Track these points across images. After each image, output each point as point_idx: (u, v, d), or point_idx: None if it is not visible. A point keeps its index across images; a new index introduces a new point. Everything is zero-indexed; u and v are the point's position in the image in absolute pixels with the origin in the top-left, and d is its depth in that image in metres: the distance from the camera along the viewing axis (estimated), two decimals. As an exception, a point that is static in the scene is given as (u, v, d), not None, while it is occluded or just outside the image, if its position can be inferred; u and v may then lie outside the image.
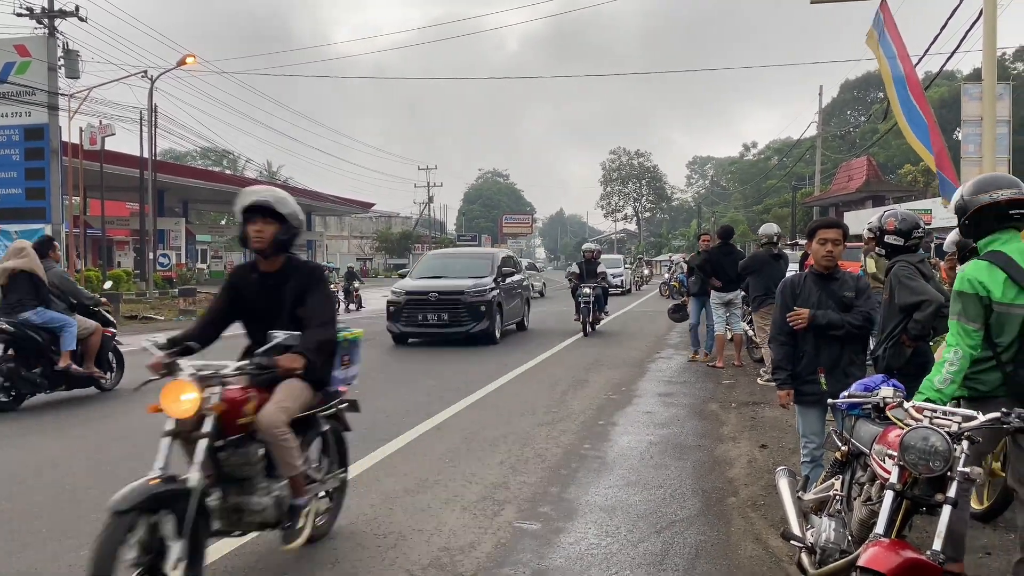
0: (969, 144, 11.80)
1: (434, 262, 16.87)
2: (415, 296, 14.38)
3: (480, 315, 14.04)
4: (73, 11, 25.88)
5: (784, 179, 62.94)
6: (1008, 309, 3.43)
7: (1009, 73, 46.29)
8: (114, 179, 35.64)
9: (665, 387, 9.89)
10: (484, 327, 14.11)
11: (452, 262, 16.70)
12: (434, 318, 14.08)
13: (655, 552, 4.34)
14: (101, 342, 9.15)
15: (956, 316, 3.51)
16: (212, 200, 57.78)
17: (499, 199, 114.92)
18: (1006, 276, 3.44)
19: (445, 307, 14.06)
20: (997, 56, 11.23)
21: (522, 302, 17.06)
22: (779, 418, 7.74)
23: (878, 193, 42.09)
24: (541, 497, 5.33)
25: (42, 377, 8.53)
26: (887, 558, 2.68)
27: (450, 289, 14.27)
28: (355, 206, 66.04)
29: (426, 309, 14.15)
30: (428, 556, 4.28)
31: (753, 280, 9.89)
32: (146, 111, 30.02)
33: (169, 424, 3.59)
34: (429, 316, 14.11)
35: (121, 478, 3.68)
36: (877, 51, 11.40)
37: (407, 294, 14.42)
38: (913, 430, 2.88)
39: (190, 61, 28.60)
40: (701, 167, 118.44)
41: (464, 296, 14.08)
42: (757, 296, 9.80)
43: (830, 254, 4.58)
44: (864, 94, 74.85)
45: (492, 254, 16.71)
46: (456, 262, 16.61)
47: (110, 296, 17.42)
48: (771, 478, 5.30)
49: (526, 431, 7.30)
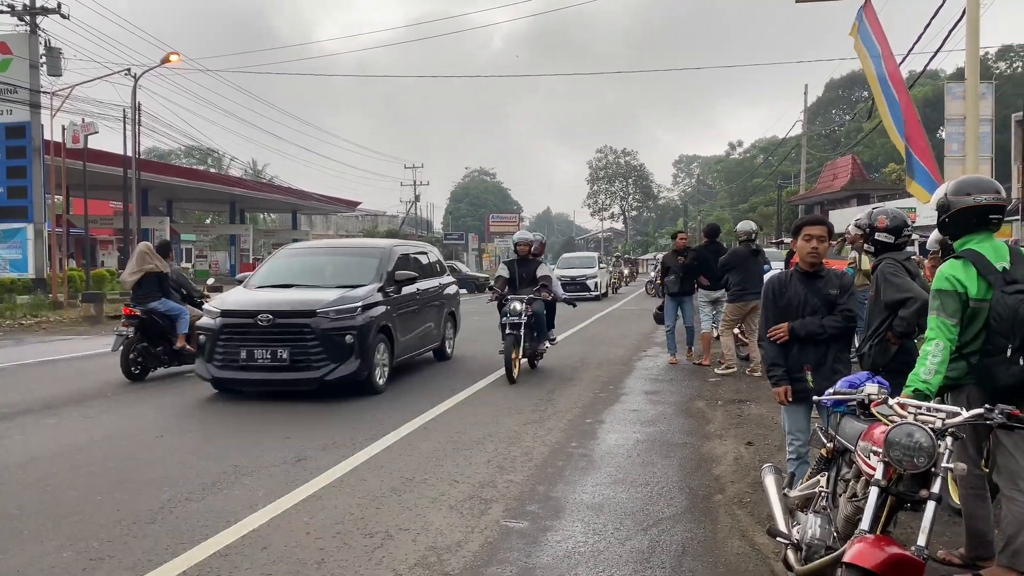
0: (952, 143, 11.89)
1: (286, 263, 10.77)
2: (235, 320, 8.87)
3: (342, 351, 8.65)
4: (55, 8, 25.63)
5: (770, 178, 63.23)
6: (980, 304, 3.63)
7: (992, 72, 46.69)
8: (97, 178, 35.30)
9: (652, 385, 9.91)
10: (350, 370, 8.69)
11: (316, 262, 10.81)
12: (265, 357, 8.59)
13: (642, 550, 4.35)
14: None
15: (935, 311, 3.66)
16: (197, 199, 57.41)
17: (486, 198, 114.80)
18: (977, 272, 3.63)
19: (283, 339, 8.63)
20: (980, 56, 11.32)
21: (441, 320, 11.77)
22: (765, 415, 7.78)
23: (863, 191, 42.37)
24: (528, 495, 5.33)
25: (164, 355, 10.71)
26: (872, 554, 2.70)
27: (293, 308, 8.81)
28: (341, 205, 65.74)
29: (253, 342, 8.65)
30: (415, 555, 4.27)
31: (732, 276, 10.49)
32: (129, 109, 29.78)
33: None
34: (257, 353, 8.61)
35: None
36: (861, 50, 11.48)
37: (223, 315, 8.96)
38: (898, 426, 2.89)
39: (174, 59, 28.35)
40: (687, 166, 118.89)
41: (314, 320, 8.63)
42: (736, 290, 10.42)
43: (815, 251, 4.60)
44: (849, 93, 75.32)
45: (382, 249, 10.76)
46: (322, 263, 10.76)
47: (90, 298, 17.33)
48: (757, 475, 5.32)
49: (513, 430, 7.29)
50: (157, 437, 7.13)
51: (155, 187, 44.53)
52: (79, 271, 28.60)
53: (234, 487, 5.54)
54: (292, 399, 8.73)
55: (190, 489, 5.48)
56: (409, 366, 11.15)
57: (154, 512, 5.00)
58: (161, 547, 4.39)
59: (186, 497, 5.30)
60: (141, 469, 6.04)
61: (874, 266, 4.89)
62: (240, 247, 57.11)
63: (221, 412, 8.27)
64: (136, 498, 5.30)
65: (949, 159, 11.91)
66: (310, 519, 4.85)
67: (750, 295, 10.14)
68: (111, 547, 4.41)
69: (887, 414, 3.10)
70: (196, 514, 4.95)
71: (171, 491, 5.44)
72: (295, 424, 7.54)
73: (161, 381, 10.36)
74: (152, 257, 10.66)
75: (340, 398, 8.80)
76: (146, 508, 5.08)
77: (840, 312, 4.56)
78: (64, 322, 20.24)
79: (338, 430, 7.23)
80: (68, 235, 32.54)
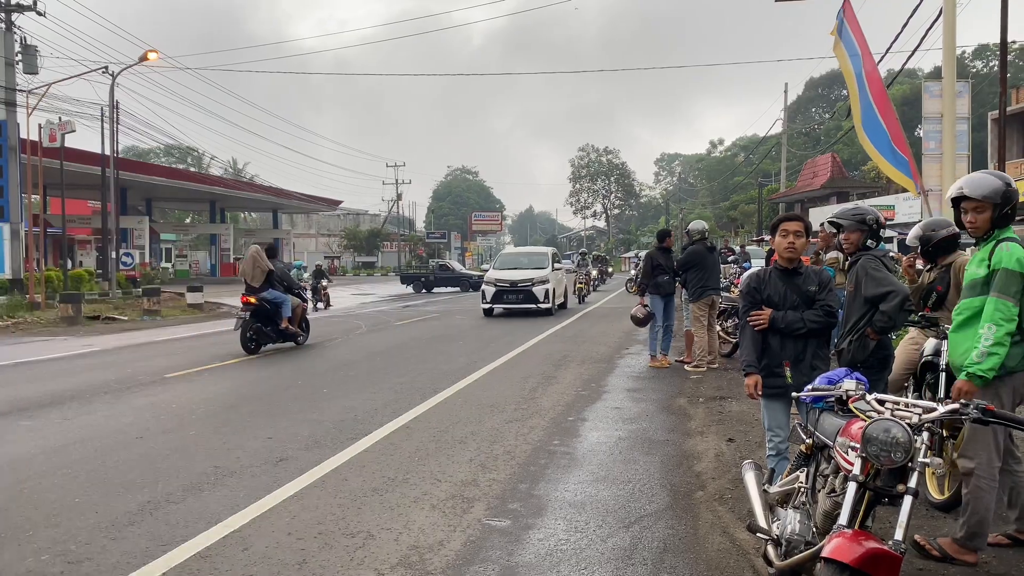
0: (930, 141, 11.96)
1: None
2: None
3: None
4: (31, 5, 25.32)
5: (750, 176, 63.61)
6: None
7: (968, 71, 47.20)
8: (75, 177, 34.96)
9: (634, 383, 9.94)
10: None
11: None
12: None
13: (624, 547, 4.36)
14: (301, 313, 14.34)
15: (998, 293, 3.75)
16: (177, 198, 56.99)
17: (468, 196, 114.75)
18: None
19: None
20: (957, 55, 11.43)
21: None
22: (746, 412, 7.82)
23: (842, 189, 42.70)
24: (510, 494, 5.33)
25: (272, 333, 13.54)
26: (850, 549, 2.72)
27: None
28: (322, 204, 65.46)
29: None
30: (397, 555, 4.26)
31: (691, 274, 10.84)
32: (107, 107, 29.47)
33: None
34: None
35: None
36: (840, 50, 11.56)
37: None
38: (875, 422, 2.92)
39: (152, 57, 28.09)
40: (669, 164, 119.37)
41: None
42: (697, 289, 10.75)
43: (792, 246, 4.63)
44: (828, 92, 75.94)
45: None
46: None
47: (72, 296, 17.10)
48: (738, 472, 5.35)
49: (495, 428, 7.29)
50: (136, 438, 7.07)
51: (134, 186, 44.14)
52: (57, 271, 28.27)
53: (215, 488, 5.50)
54: (272, 400, 8.73)
55: (170, 490, 5.44)
56: (396, 367, 11.20)
57: (133, 514, 4.96)
58: (140, 549, 4.36)
59: (166, 498, 5.26)
60: (120, 471, 5.99)
61: (851, 263, 4.94)
62: (221, 246, 56.72)
63: (201, 413, 8.21)
64: (115, 500, 5.25)
65: (927, 157, 11.99)
66: (291, 519, 4.83)
67: (710, 291, 10.78)
68: (89, 550, 4.37)
69: (865, 410, 3.13)
70: (176, 515, 4.91)
71: (151, 492, 5.39)
72: (277, 424, 7.50)
73: (139, 384, 10.27)
74: (262, 259, 13.39)
75: (322, 397, 8.81)
76: (125, 510, 5.03)
77: (820, 307, 4.59)
78: (41, 323, 20.01)
79: (320, 430, 7.20)
80: (45, 235, 32.17)
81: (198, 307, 25.33)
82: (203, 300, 25.97)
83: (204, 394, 9.30)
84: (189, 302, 25.73)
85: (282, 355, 13.17)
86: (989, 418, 3.02)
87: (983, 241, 3.95)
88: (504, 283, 20.78)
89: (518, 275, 21.10)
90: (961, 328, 3.94)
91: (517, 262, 22.46)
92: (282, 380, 10.41)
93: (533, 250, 25.85)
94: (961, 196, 3.91)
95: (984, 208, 3.85)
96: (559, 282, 22.32)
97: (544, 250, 24.41)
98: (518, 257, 23.55)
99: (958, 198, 3.94)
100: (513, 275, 21.15)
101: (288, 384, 10.06)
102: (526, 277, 20.87)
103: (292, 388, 9.71)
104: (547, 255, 22.65)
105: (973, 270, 3.94)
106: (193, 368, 11.52)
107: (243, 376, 10.92)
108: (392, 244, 79.97)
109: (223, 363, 12.11)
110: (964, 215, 3.96)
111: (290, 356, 13.06)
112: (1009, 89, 24.08)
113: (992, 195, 3.81)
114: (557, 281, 21.86)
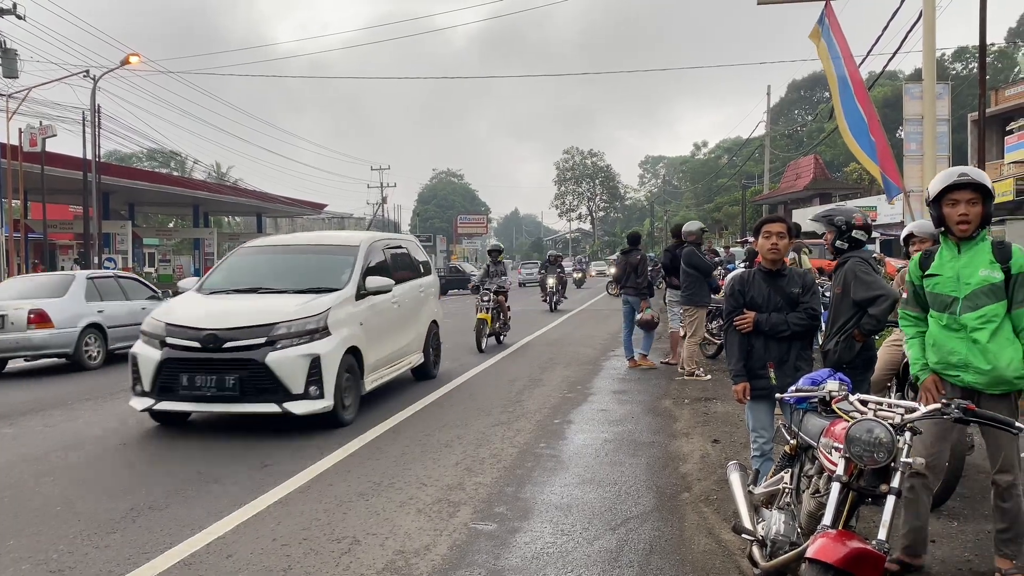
0: (911, 142, 12.07)
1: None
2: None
3: None
4: (10, 8, 25.11)
5: (734, 178, 63.93)
6: None
7: (948, 73, 47.68)
8: (56, 181, 34.61)
9: (619, 384, 9.96)
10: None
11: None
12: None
13: (610, 549, 4.37)
14: None
15: None
16: (160, 203, 56.54)
17: (454, 199, 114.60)
18: None
19: None
20: (936, 57, 11.54)
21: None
22: (731, 413, 7.85)
23: (825, 191, 43.05)
24: (497, 497, 5.32)
25: None
26: (834, 549, 2.74)
27: None
28: (307, 207, 65.14)
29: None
30: (383, 560, 4.24)
31: (693, 277, 10.50)
32: (89, 112, 29.25)
33: None
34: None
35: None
36: (823, 52, 11.65)
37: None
38: (858, 423, 2.94)
39: (134, 60, 27.93)
40: (653, 166, 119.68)
41: None
42: (699, 292, 10.50)
43: (775, 247, 4.66)
44: (811, 94, 76.48)
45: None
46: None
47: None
48: (723, 473, 5.35)
49: (481, 431, 7.28)
50: (119, 445, 7.01)
51: (116, 191, 43.75)
52: (38, 277, 27.99)
53: (198, 494, 5.46)
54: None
55: (153, 497, 5.39)
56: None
57: (116, 521, 4.91)
58: (123, 557, 4.32)
59: (149, 506, 5.22)
60: (102, 478, 5.94)
61: (839, 264, 4.96)
62: (204, 251, 56.37)
63: (185, 419, 8.14)
64: (97, 507, 5.20)
65: (908, 158, 12.10)
66: (276, 526, 4.80)
67: (708, 297, 10.70)
68: (71, 558, 4.33)
69: (848, 410, 3.15)
70: (159, 523, 4.87)
71: (133, 500, 5.34)
72: (260, 430, 7.45)
73: (122, 390, 10.17)
74: None
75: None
76: (107, 517, 4.99)
77: (804, 310, 4.62)
78: (23, 329, 19.80)
79: (305, 435, 7.15)
80: (27, 240, 31.88)
81: (182, 312, 25.13)
82: (187, 305, 25.76)
83: (188, 400, 9.19)
84: (173, 307, 25.52)
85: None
86: (971, 417, 3.05)
87: (968, 239, 3.65)
88: (189, 339, 7.31)
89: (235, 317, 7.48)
90: (995, 336, 3.59)
91: (265, 274, 8.78)
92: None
93: (323, 241, 9.95)
94: (956, 185, 3.61)
95: (978, 201, 3.60)
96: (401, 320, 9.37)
97: (354, 241, 9.21)
98: (275, 261, 9.35)
99: (947, 189, 3.63)
100: (225, 316, 7.54)
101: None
102: (253, 323, 7.30)
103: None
104: (356, 254, 8.68)
105: (987, 274, 3.59)
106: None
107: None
108: (377, 248, 79.56)
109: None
110: (953, 207, 3.62)
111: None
112: (988, 91, 24.36)
113: (990, 187, 3.65)
114: (390, 320, 9.03)
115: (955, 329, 3.67)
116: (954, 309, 3.66)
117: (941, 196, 3.67)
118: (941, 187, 3.66)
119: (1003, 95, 31.24)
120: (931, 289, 3.77)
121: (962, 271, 3.66)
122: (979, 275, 3.61)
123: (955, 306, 3.66)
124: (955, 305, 3.66)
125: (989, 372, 3.59)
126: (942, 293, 3.71)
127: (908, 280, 3.99)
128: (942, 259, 3.75)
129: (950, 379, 3.74)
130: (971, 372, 3.64)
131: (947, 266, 3.72)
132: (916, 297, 3.89)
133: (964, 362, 3.65)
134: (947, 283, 3.70)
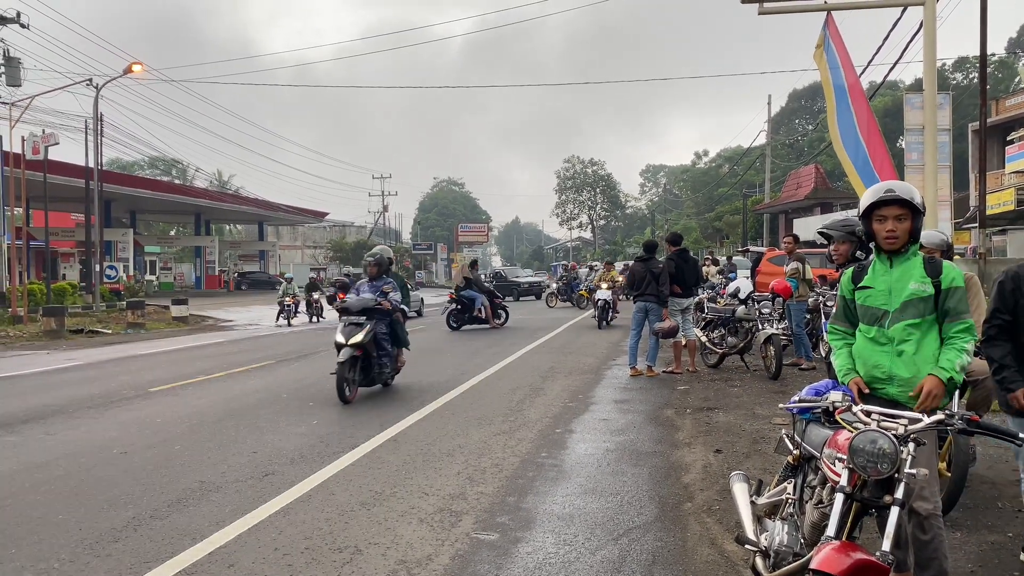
0: (912, 152, 12.08)
1: None
2: None
3: None
4: (14, 17, 25.18)
5: (735, 187, 63.98)
6: None
7: (949, 83, 47.78)
8: (59, 189, 34.74)
9: (621, 394, 9.95)
10: None
11: None
12: None
13: (613, 559, 4.36)
14: (492, 306, 20.41)
15: None
16: (161, 210, 56.71)
17: (455, 208, 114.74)
18: None
19: None
20: (937, 67, 11.57)
21: None
22: (733, 423, 7.84)
23: (826, 200, 42.99)
24: (499, 507, 5.31)
25: (471, 321, 20.11)
26: (838, 560, 2.73)
27: None
28: (308, 215, 65.35)
29: None
30: (385, 570, 4.23)
31: None
32: (91, 120, 29.33)
33: None
34: None
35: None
36: (822, 62, 11.68)
37: None
38: (861, 433, 2.94)
39: (137, 69, 28.03)
40: (654, 175, 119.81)
41: None
42: None
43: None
44: (811, 103, 76.55)
45: None
46: None
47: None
48: (726, 483, 5.35)
49: (483, 441, 7.28)
50: (121, 453, 7.00)
51: (118, 199, 43.92)
52: (40, 284, 28.02)
53: (200, 503, 5.45)
54: (257, 414, 8.70)
55: (154, 506, 5.39)
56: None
57: (117, 531, 4.90)
58: (124, 567, 4.31)
59: (150, 515, 5.21)
60: (104, 487, 5.93)
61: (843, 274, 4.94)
62: (206, 259, 56.44)
63: (185, 428, 8.14)
64: (99, 516, 5.20)
65: (909, 168, 12.11)
66: (278, 535, 4.79)
67: None
68: (73, 567, 4.32)
69: (851, 421, 3.14)
70: (161, 532, 4.87)
71: (135, 509, 5.34)
72: (263, 438, 7.45)
73: (123, 398, 10.17)
74: (465, 269, 20.72)
75: (308, 411, 8.76)
76: (109, 527, 4.98)
77: None
78: (24, 337, 19.82)
79: (306, 444, 7.15)
80: (28, 248, 31.92)
81: (183, 320, 25.17)
82: (188, 313, 25.81)
83: (189, 408, 9.23)
84: (174, 315, 25.56)
85: (267, 369, 13.09)
86: (974, 429, 3.04)
87: (899, 254, 3.62)
88: None
89: None
90: (920, 349, 3.58)
91: None
92: (268, 394, 10.34)
93: None
94: (882, 201, 3.58)
95: (907, 216, 3.57)
96: None
97: None
98: None
99: (874, 204, 3.60)
100: None
101: (273, 398, 9.99)
102: None
103: (277, 402, 9.64)
104: None
105: (917, 287, 3.56)
106: (178, 382, 11.44)
107: (228, 390, 10.84)
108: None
109: (208, 377, 12.03)
110: (881, 223, 3.60)
111: (274, 369, 12.99)
112: (989, 101, 24.40)
113: (920, 204, 3.60)
114: None
115: (882, 343, 3.61)
116: (884, 322, 3.63)
117: (870, 212, 3.65)
118: (868, 203, 3.64)
119: (1004, 105, 31.28)
120: (863, 302, 3.72)
121: (894, 285, 3.63)
122: (910, 288, 3.60)
123: (885, 320, 3.62)
124: (885, 319, 3.62)
125: (910, 381, 3.54)
126: (873, 306, 3.67)
127: (840, 294, 3.93)
128: (875, 272, 3.72)
129: (875, 391, 3.66)
130: (895, 385, 3.59)
131: (880, 279, 3.69)
132: (846, 311, 3.84)
133: (888, 374, 3.59)
134: (879, 296, 3.67)
